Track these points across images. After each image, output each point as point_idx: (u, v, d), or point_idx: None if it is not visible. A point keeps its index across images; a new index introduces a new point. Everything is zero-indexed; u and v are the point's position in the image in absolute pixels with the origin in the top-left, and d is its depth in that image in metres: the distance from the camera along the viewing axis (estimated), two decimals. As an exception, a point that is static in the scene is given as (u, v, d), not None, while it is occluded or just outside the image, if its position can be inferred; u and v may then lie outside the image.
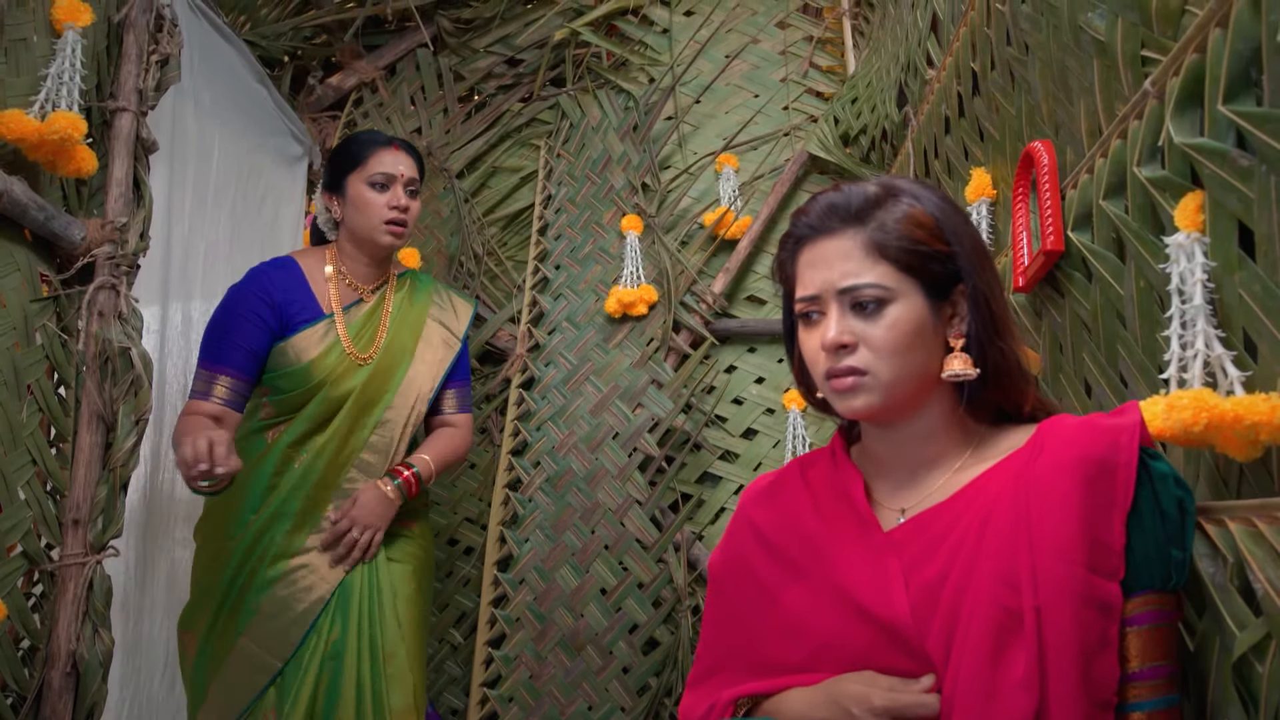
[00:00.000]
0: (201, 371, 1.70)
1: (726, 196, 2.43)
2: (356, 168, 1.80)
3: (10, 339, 1.50)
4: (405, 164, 1.82)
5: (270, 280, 1.76)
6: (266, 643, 1.63)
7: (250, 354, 1.71)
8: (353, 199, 1.80)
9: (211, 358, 1.70)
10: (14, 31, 1.51)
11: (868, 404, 0.90)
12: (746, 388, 2.35)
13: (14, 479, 1.49)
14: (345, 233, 1.84)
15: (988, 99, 1.45)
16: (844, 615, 0.90)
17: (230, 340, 1.70)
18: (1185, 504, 0.81)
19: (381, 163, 1.79)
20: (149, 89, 1.76)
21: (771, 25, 2.60)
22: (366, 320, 1.83)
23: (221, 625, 1.64)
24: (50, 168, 1.54)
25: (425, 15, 2.73)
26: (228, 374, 1.69)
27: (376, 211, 1.78)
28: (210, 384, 1.68)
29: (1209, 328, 0.83)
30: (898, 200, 0.92)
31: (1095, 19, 1.04)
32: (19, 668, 1.50)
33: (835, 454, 1.02)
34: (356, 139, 1.85)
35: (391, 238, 1.80)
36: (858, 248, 0.90)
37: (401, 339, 1.84)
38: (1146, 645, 0.80)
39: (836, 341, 0.89)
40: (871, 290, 0.89)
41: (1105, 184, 1.04)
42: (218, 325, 1.73)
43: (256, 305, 1.73)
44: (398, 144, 1.84)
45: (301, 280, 1.80)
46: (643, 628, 2.19)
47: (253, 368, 1.72)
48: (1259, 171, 0.75)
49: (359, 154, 1.81)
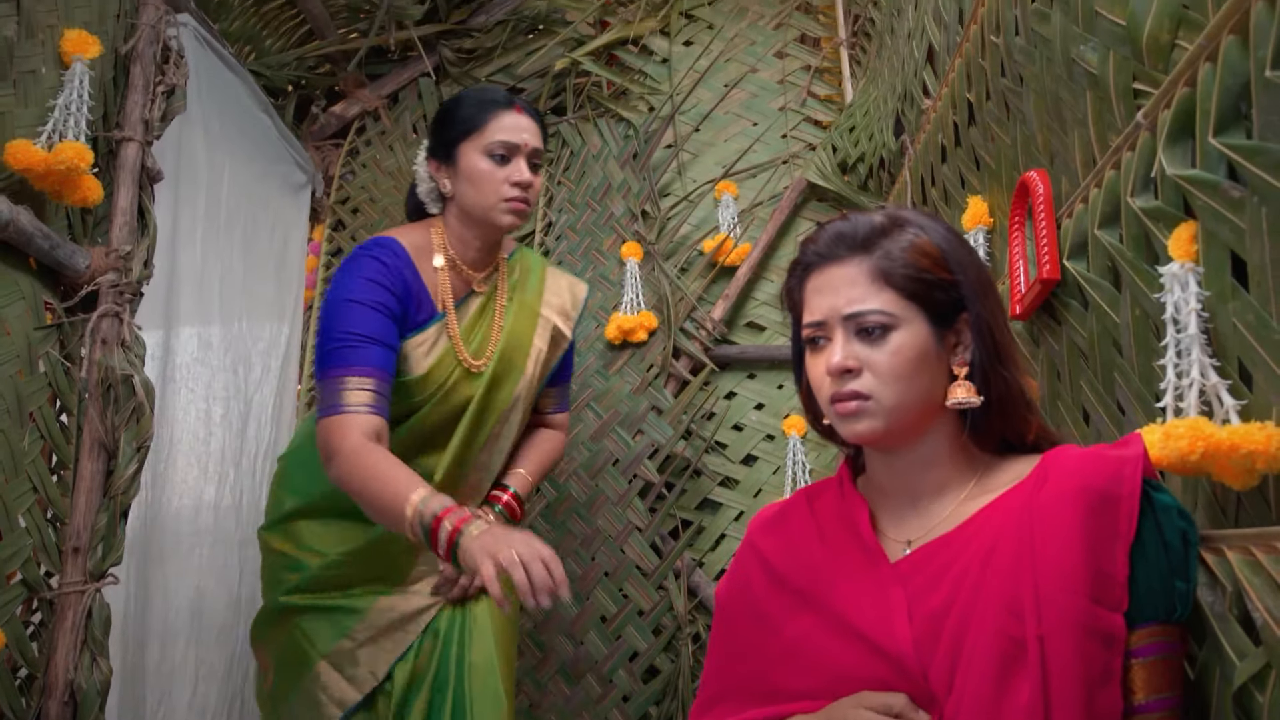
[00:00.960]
0: (334, 380, 1.37)
1: (726, 223, 2.44)
2: (472, 133, 1.52)
3: (14, 366, 1.51)
4: (529, 131, 1.55)
5: (389, 266, 1.47)
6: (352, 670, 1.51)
7: (391, 352, 1.42)
8: (466, 171, 1.53)
9: (344, 360, 1.38)
10: (23, 64, 1.53)
11: (871, 428, 0.91)
12: (746, 414, 2.36)
13: (15, 506, 1.49)
14: (455, 210, 1.57)
15: (984, 129, 1.47)
16: (849, 646, 0.90)
17: (366, 334, 1.40)
18: (1188, 535, 0.81)
19: (502, 128, 1.52)
20: (155, 119, 1.78)
21: (770, 55, 2.63)
22: (478, 318, 1.59)
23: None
24: (56, 197, 1.56)
25: (428, 45, 2.77)
26: (373, 375, 1.38)
27: (495, 188, 1.51)
28: (354, 391, 1.36)
29: (1204, 356, 0.83)
30: (904, 230, 0.94)
31: (1088, 52, 1.06)
32: (16, 697, 1.50)
33: (842, 484, 1.03)
34: (470, 98, 1.56)
35: (513, 217, 1.53)
36: (863, 275, 0.92)
37: (517, 338, 1.61)
38: (1152, 677, 0.80)
39: (841, 366, 0.91)
40: (876, 316, 0.90)
41: (1100, 213, 1.05)
42: (344, 319, 1.41)
43: (383, 295, 1.45)
44: (520, 105, 1.56)
45: (412, 268, 1.51)
46: (643, 656, 2.18)
47: (393, 369, 1.43)
48: (1250, 203, 0.77)
49: (475, 118, 1.53)
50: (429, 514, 1.25)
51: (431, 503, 1.26)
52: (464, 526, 1.22)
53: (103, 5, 1.73)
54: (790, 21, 2.65)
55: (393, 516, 1.28)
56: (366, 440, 1.34)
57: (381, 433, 1.37)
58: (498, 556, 1.15)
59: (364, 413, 1.35)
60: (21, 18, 1.52)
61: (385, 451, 1.34)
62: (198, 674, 1.95)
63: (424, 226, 1.59)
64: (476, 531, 1.21)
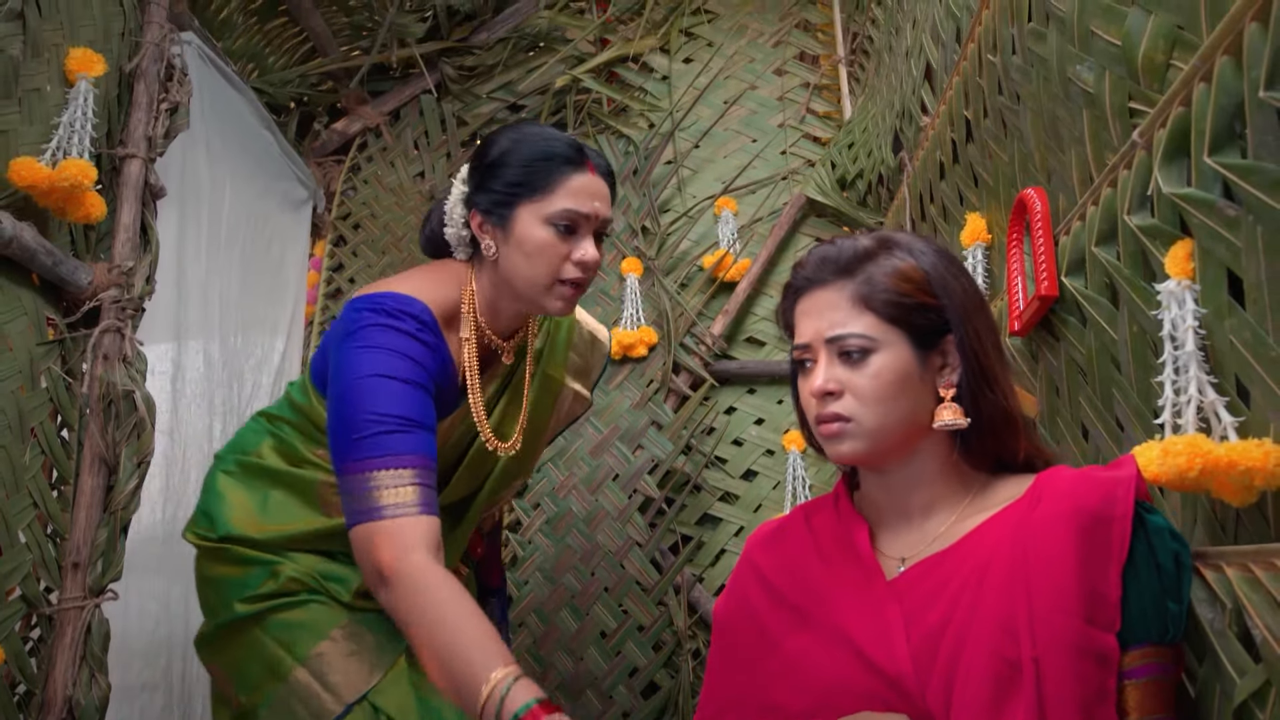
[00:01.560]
0: (375, 474, 1.10)
1: (725, 239, 2.45)
2: (535, 195, 1.25)
3: (15, 382, 1.51)
4: (601, 198, 1.28)
5: (430, 348, 1.23)
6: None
7: (435, 435, 1.18)
8: (521, 239, 1.25)
9: (386, 447, 1.11)
10: (28, 82, 1.54)
11: (853, 450, 0.93)
12: (746, 429, 2.36)
13: (15, 521, 1.49)
14: (492, 274, 1.30)
15: (981, 146, 1.48)
16: (846, 663, 0.90)
17: (407, 414, 1.15)
18: (1181, 557, 0.82)
19: (571, 193, 1.25)
20: (158, 136, 1.80)
21: (769, 72, 2.64)
22: (503, 392, 1.39)
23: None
24: (60, 214, 1.56)
25: (429, 62, 2.79)
26: (423, 465, 1.13)
27: (554, 265, 1.25)
28: (405, 487, 1.10)
29: (1201, 373, 0.84)
30: (890, 254, 0.95)
31: (1084, 71, 1.07)
32: (14, 713, 1.49)
33: (838, 501, 1.03)
34: (535, 148, 1.26)
35: (563, 305, 1.28)
36: (845, 299, 0.94)
37: (541, 413, 1.44)
38: (1145, 698, 0.80)
39: (822, 389, 0.93)
40: (856, 340, 0.93)
41: (1097, 231, 1.06)
42: (377, 398, 1.14)
43: (424, 376, 1.19)
44: (592, 164, 1.28)
45: (443, 341, 1.27)
46: (643, 671, 2.17)
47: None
48: (1246, 221, 0.77)
49: (540, 177, 1.25)
50: (511, 710, 0.96)
51: (516, 693, 0.97)
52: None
53: (107, 24, 1.74)
54: (789, 39, 2.67)
55: (458, 684, 1.02)
56: (431, 561, 1.08)
57: (440, 541, 1.12)
58: None
59: (420, 514, 1.10)
60: (27, 36, 1.53)
61: (455, 585, 1.07)
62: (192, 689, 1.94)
63: (452, 281, 1.32)
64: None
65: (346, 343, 1.20)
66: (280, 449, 1.39)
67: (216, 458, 1.47)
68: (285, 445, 1.39)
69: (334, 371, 1.20)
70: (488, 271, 1.31)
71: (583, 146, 1.29)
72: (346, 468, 1.13)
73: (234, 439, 1.46)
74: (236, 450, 1.43)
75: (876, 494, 0.99)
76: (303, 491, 1.35)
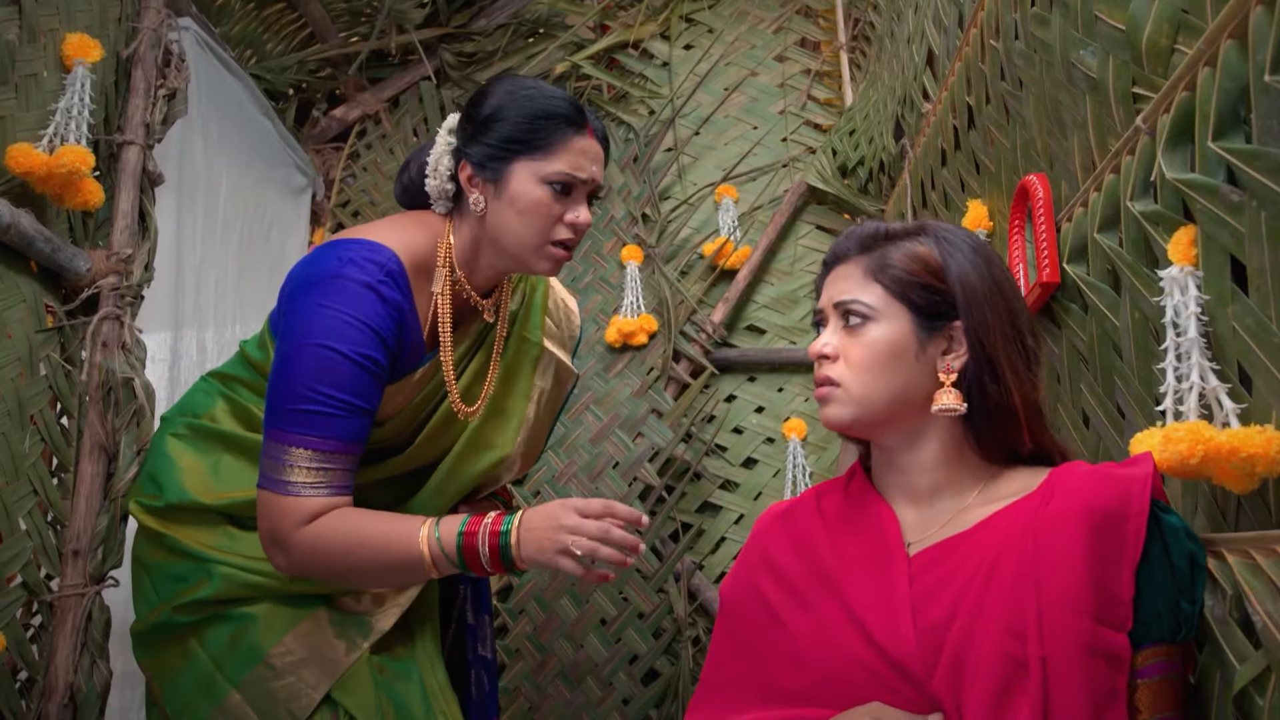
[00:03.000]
0: (294, 450, 1.12)
1: (726, 227, 2.45)
2: (535, 153, 1.22)
3: (15, 369, 1.51)
4: (598, 163, 1.27)
5: (388, 303, 1.18)
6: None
7: (370, 420, 1.18)
8: (515, 196, 1.22)
9: (312, 427, 1.12)
10: (25, 68, 1.53)
11: (838, 414, 0.96)
12: (746, 417, 2.36)
13: (15, 509, 1.49)
14: (477, 228, 1.27)
15: (983, 132, 1.47)
16: (851, 643, 0.90)
17: (347, 401, 1.14)
18: (1196, 558, 0.81)
19: (570, 153, 1.23)
20: (156, 123, 1.79)
21: (770, 59, 2.63)
22: (471, 351, 1.35)
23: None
24: (58, 201, 1.56)
25: (428, 49, 2.78)
26: (349, 451, 1.15)
27: (547, 225, 1.23)
28: (320, 470, 1.12)
29: (1204, 360, 0.84)
30: (915, 239, 0.98)
31: (1087, 56, 1.06)
32: (16, 700, 1.49)
33: (852, 481, 1.03)
34: (536, 104, 1.23)
35: (550, 265, 1.27)
36: (859, 271, 0.98)
37: (514, 378, 1.39)
38: (1156, 698, 0.80)
39: (818, 352, 0.98)
40: (858, 306, 0.96)
41: (1100, 218, 1.05)
42: (323, 372, 1.13)
43: (377, 349, 1.17)
44: (591, 126, 1.26)
45: (409, 295, 1.23)
46: (643, 659, 2.18)
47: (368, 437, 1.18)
48: (1249, 207, 0.77)
49: (541, 135, 1.22)
50: (451, 539, 1.11)
51: (446, 526, 1.10)
52: (501, 531, 1.10)
53: (104, 9, 1.73)
54: (790, 25, 2.66)
55: (403, 567, 1.11)
56: (321, 518, 1.12)
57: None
58: (571, 551, 1.09)
59: (328, 495, 1.13)
60: (23, 21, 1.53)
61: (340, 514, 1.13)
62: None
63: (427, 231, 1.28)
64: (519, 534, 1.11)
65: (304, 294, 1.17)
66: (234, 411, 1.34)
67: (163, 419, 1.39)
68: (239, 407, 1.34)
69: (286, 323, 1.17)
70: (470, 225, 1.28)
71: (583, 108, 1.27)
72: (272, 432, 1.14)
73: (181, 401, 1.39)
74: (186, 413, 1.36)
75: (884, 475, 1.00)
76: (256, 457, 1.24)
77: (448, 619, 1.49)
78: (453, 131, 1.29)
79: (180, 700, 1.24)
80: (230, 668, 1.21)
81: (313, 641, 1.23)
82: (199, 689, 1.22)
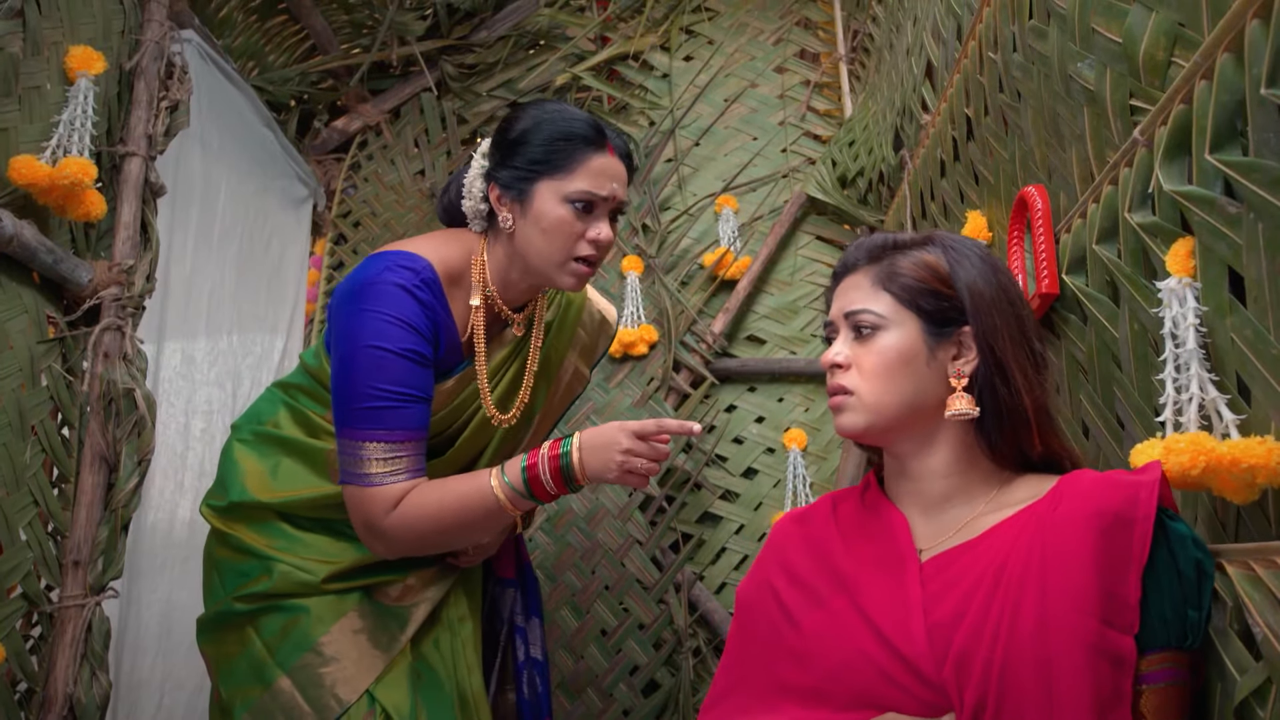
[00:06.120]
0: (367, 444, 1.22)
1: (726, 237, 2.45)
2: (556, 173, 1.29)
3: (16, 380, 1.52)
4: (620, 180, 1.33)
5: (424, 305, 1.28)
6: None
7: (429, 406, 1.28)
8: (539, 215, 1.30)
9: (379, 421, 1.22)
10: (28, 80, 1.54)
11: (853, 423, 0.97)
12: (747, 427, 2.36)
13: (16, 519, 1.49)
14: (508, 246, 1.35)
15: (982, 144, 1.48)
16: (861, 640, 0.91)
17: (403, 389, 1.24)
18: (1204, 565, 0.82)
19: (591, 173, 1.29)
20: (158, 134, 1.80)
21: (769, 70, 2.64)
22: (507, 362, 1.42)
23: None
24: (60, 212, 1.56)
25: (429, 60, 2.79)
26: (415, 437, 1.25)
27: (569, 243, 1.30)
28: (393, 458, 1.23)
29: (1203, 371, 0.84)
30: (923, 249, 0.99)
31: (1085, 69, 1.06)
32: (15, 712, 1.49)
33: (867, 490, 1.05)
34: (557, 126, 1.31)
35: (575, 281, 1.33)
36: (868, 281, 0.99)
37: (545, 385, 1.48)
38: (1162, 704, 0.80)
39: (830, 360, 0.99)
40: (867, 316, 0.97)
41: (1098, 229, 1.06)
42: (378, 370, 1.23)
43: (419, 343, 1.26)
44: (612, 146, 1.33)
45: (444, 302, 1.32)
46: (643, 670, 2.17)
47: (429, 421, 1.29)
48: (1246, 219, 0.77)
49: (562, 155, 1.29)
50: (516, 475, 1.24)
51: (510, 466, 1.24)
52: (560, 454, 1.22)
53: (107, 22, 1.74)
54: (790, 37, 2.67)
55: (487, 516, 1.24)
56: (404, 500, 1.24)
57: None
58: (625, 470, 1.21)
59: (406, 479, 1.24)
60: (27, 34, 1.53)
61: (421, 488, 1.25)
62: (164, 688, 1.91)
63: (461, 246, 1.36)
64: (580, 454, 1.22)
65: (349, 303, 1.27)
66: (297, 418, 1.43)
67: (233, 428, 1.50)
68: (299, 414, 1.43)
69: (339, 332, 1.27)
70: (502, 244, 1.36)
71: (604, 128, 1.33)
72: (344, 432, 1.25)
73: (249, 409, 1.50)
74: (252, 420, 1.47)
75: (897, 482, 1.01)
76: (313, 460, 1.39)
77: (500, 621, 1.60)
78: (485, 155, 1.38)
79: (234, 684, 1.32)
80: (281, 654, 1.30)
81: (357, 632, 1.33)
82: (252, 673, 1.31)
